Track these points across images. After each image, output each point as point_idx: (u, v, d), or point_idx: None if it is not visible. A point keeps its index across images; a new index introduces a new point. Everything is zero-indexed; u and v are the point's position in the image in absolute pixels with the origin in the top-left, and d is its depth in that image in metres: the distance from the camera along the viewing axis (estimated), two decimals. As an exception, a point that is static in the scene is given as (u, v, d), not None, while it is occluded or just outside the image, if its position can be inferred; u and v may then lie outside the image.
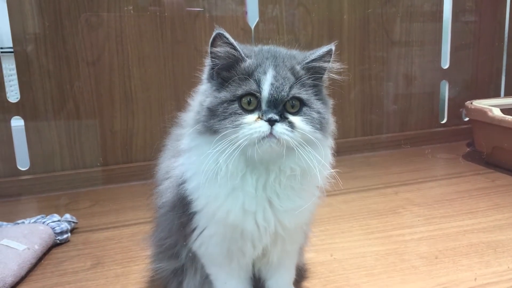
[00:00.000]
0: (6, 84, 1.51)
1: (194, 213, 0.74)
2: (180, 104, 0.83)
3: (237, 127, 0.65)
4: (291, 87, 0.68)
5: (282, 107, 0.67)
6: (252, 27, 1.69)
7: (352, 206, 1.32)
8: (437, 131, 1.99)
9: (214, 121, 0.66)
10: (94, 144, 1.61)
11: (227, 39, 0.68)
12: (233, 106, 0.66)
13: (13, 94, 1.56)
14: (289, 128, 0.66)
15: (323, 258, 1.01)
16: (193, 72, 1.74)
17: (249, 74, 0.68)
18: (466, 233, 1.12)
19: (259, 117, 0.66)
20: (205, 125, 0.67)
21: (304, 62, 0.71)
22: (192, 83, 1.66)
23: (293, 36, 1.75)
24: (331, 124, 0.74)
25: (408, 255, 1.02)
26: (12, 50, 1.49)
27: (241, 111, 0.66)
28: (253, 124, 0.65)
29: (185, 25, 1.62)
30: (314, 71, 0.72)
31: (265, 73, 0.67)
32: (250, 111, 0.66)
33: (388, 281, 0.92)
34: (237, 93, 0.67)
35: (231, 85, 0.68)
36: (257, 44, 0.78)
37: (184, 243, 0.79)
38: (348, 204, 1.33)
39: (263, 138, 0.65)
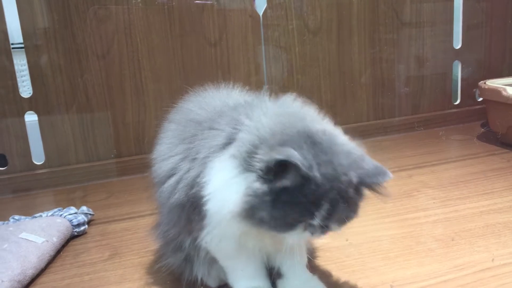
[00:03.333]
0: (18, 79, 1.52)
1: (206, 213, 0.74)
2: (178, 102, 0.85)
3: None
4: (341, 215, 0.68)
5: None
6: (260, 14, 1.68)
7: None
8: (450, 113, 1.97)
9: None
10: (107, 137, 1.62)
11: (301, 170, 0.62)
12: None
13: (25, 90, 1.57)
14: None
15: (339, 243, 1.01)
16: (202, 61, 1.75)
17: (313, 206, 0.65)
18: (482, 214, 1.11)
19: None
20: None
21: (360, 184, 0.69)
22: (201, 72, 1.67)
23: (302, 21, 1.73)
24: None
25: (424, 237, 1.02)
26: (22, 45, 1.51)
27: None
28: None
29: (193, 15, 1.61)
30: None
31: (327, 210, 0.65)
32: None
33: (405, 264, 0.92)
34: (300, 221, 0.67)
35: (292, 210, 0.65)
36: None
37: (194, 239, 0.79)
38: (362, 189, 1.33)
39: None
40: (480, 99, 1.95)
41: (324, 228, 0.67)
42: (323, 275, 0.90)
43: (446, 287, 0.83)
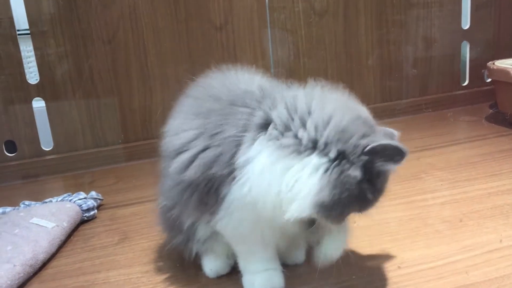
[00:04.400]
0: (25, 66, 1.52)
1: (225, 196, 0.71)
2: (197, 78, 0.84)
3: None
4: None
5: None
6: (266, -4, 1.67)
7: (373, 173, 1.31)
8: (458, 94, 1.95)
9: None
10: (114, 122, 1.62)
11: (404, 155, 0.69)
12: None
13: (32, 76, 1.58)
14: None
15: (346, 225, 1.02)
16: (208, 45, 1.74)
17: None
18: (490, 196, 1.11)
19: None
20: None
21: None
22: (207, 57, 1.66)
23: (308, 3, 1.71)
24: None
25: (431, 219, 1.02)
26: (29, 32, 1.51)
27: None
28: None
29: (198, -2, 1.60)
30: None
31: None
32: None
33: (412, 245, 0.92)
34: None
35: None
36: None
37: (194, 221, 0.79)
38: (370, 171, 1.32)
39: None
40: (489, 80, 1.93)
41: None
42: (331, 257, 0.90)
43: (454, 268, 0.83)
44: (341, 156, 0.66)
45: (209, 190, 0.72)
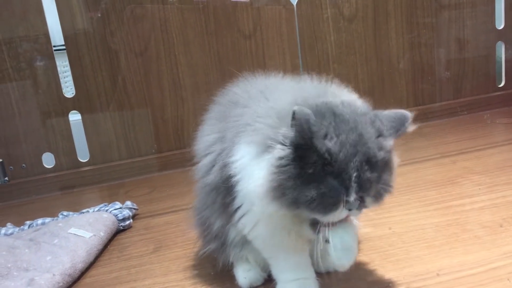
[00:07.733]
0: (61, 80, 1.58)
1: (237, 194, 0.73)
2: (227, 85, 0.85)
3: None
4: (373, 183, 0.66)
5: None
6: (294, 4, 1.67)
7: (408, 178, 1.29)
8: (494, 96, 1.90)
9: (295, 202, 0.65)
10: (147, 133, 1.65)
11: (310, 123, 0.62)
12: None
13: (68, 90, 1.62)
14: (362, 210, 0.68)
15: (381, 232, 1.00)
16: (237, 54, 1.76)
17: (337, 175, 0.64)
18: (531, 200, 1.07)
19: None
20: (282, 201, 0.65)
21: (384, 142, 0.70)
22: (237, 65, 1.67)
23: (337, 9, 1.71)
24: None
25: (470, 225, 0.99)
26: (64, 47, 1.55)
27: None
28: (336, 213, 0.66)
29: (227, 8, 1.62)
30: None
31: (351, 179, 0.64)
32: None
33: (451, 252, 0.90)
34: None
35: (317, 182, 0.64)
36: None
37: (225, 223, 0.80)
38: (404, 177, 1.30)
39: None
40: (526, 80, 1.87)
41: (360, 202, 0.65)
42: (366, 265, 0.89)
43: (495, 274, 0.80)
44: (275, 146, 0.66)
45: (228, 190, 0.74)
